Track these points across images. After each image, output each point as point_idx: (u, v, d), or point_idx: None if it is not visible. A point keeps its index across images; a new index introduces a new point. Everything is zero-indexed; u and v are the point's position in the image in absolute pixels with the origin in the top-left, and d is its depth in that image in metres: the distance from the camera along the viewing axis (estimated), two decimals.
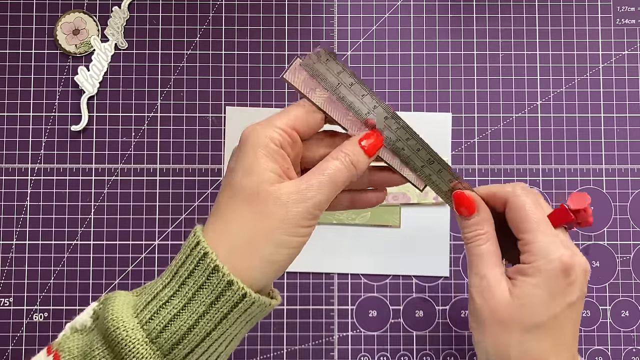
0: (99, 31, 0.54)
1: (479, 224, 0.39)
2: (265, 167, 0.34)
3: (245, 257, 0.33)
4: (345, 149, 0.36)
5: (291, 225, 0.33)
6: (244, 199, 0.34)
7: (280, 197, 0.33)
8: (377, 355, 0.52)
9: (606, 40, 0.54)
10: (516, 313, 0.37)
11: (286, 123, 0.35)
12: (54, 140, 0.53)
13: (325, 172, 0.35)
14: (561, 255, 0.36)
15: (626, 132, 0.53)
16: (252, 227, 0.33)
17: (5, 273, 0.52)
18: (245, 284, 0.33)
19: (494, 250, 0.39)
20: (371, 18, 0.54)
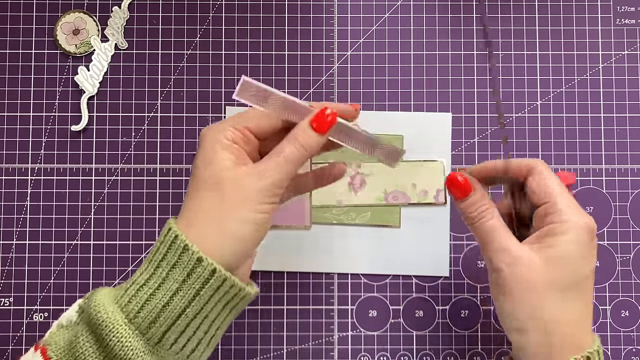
0: (99, 31, 0.54)
1: (480, 201, 0.40)
2: (223, 157, 0.37)
3: (214, 236, 0.36)
4: (297, 132, 0.39)
5: (253, 202, 0.37)
6: (208, 187, 0.37)
7: (239, 179, 0.37)
8: (377, 355, 0.52)
9: (606, 40, 0.54)
10: (551, 274, 0.37)
11: (238, 123, 0.39)
12: (54, 140, 0.53)
13: (280, 155, 0.38)
14: (586, 217, 0.38)
15: (626, 132, 0.53)
16: (218, 209, 0.36)
17: (5, 273, 0.52)
18: (215, 262, 0.35)
19: (503, 223, 0.39)
20: (371, 18, 0.54)
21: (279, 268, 0.52)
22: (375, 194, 0.53)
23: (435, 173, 0.53)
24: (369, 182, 0.53)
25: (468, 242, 0.53)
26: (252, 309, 0.52)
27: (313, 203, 0.53)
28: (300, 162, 0.38)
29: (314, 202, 0.53)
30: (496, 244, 0.38)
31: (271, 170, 0.37)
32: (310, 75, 0.54)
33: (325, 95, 0.54)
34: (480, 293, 0.53)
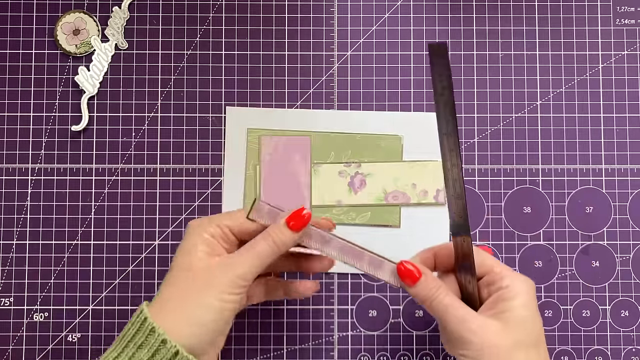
0: (99, 31, 0.54)
1: (431, 281, 0.41)
2: (199, 248, 0.40)
3: (180, 320, 0.38)
4: (271, 229, 0.41)
5: (218, 290, 0.39)
6: (179, 274, 0.40)
7: (209, 268, 0.40)
8: (377, 355, 0.52)
9: (606, 40, 0.54)
10: (513, 337, 0.39)
11: (222, 221, 0.42)
12: (54, 140, 0.53)
13: (252, 249, 0.40)
14: (526, 279, 0.41)
15: (626, 132, 0.53)
16: (185, 294, 0.39)
17: (5, 273, 0.52)
18: (179, 344, 0.38)
19: (456, 298, 0.41)
20: (371, 18, 0.54)
21: None
22: (375, 194, 0.53)
23: (435, 173, 0.53)
24: (369, 182, 0.53)
25: None
26: (252, 309, 0.52)
27: (313, 203, 0.53)
28: (271, 257, 0.40)
29: (314, 202, 0.53)
30: (458, 316, 0.40)
31: (240, 262, 0.40)
32: (310, 76, 0.54)
33: (325, 96, 0.54)
34: None
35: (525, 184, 0.53)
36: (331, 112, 0.54)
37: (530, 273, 0.52)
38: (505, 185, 0.53)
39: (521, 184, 0.53)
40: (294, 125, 0.53)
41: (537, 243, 0.53)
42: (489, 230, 0.53)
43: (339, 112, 0.54)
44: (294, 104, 0.54)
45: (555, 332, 0.52)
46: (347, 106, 0.54)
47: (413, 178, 0.53)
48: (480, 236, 0.53)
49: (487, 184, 0.53)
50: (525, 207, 0.53)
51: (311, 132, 0.53)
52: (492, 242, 0.53)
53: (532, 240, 0.53)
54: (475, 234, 0.53)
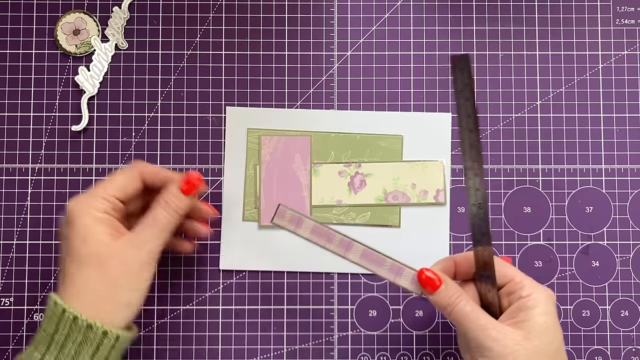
0: (99, 31, 0.54)
1: (452, 289, 0.42)
2: (98, 230, 0.40)
3: (103, 307, 0.40)
4: (168, 198, 0.43)
5: (137, 273, 0.41)
6: (90, 265, 0.40)
7: (120, 253, 0.40)
8: (377, 355, 0.52)
9: (606, 40, 0.54)
10: (534, 346, 0.39)
11: (108, 192, 0.42)
12: (54, 140, 0.53)
13: (153, 223, 0.42)
14: (546, 289, 0.41)
15: (626, 132, 0.54)
16: (106, 284, 0.40)
17: (5, 273, 0.52)
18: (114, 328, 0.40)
19: (477, 306, 0.41)
20: (371, 18, 0.54)
21: (279, 268, 0.52)
22: (375, 194, 0.53)
23: (435, 173, 0.53)
24: (369, 182, 0.53)
25: (468, 242, 0.53)
26: (252, 309, 0.52)
27: (313, 203, 0.53)
28: (174, 225, 0.43)
29: (314, 202, 0.53)
30: (480, 324, 0.40)
31: (148, 239, 0.41)
32: (310, 76, 0.54)
33: (325, 96, 0.54)
34: None
35: (525, 184, 0.53)
36: (331, 112, 0.54)
37: (530, 273, 0.52)
38: (505, 185, 0.53)
39: (521, 184, 0.53)
40: (294, 125, 0.53)
41: (537, 243, 0.53)
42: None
43: (339, 112, 0.54)
44: (294, 104, 0.54)
45: None
46: (347, 106, 0.54)
47: (413, 178, 0.53)
48: None
49: (487, 184, 0.53)
50: (525, 207, 0.53)
51: (311, 132, 0.53)
52: (493, 242, 0.53)
53: (532, 240, 0.53)
54: None
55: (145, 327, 0.52)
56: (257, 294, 0.52)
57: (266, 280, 0.53)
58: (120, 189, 0.43)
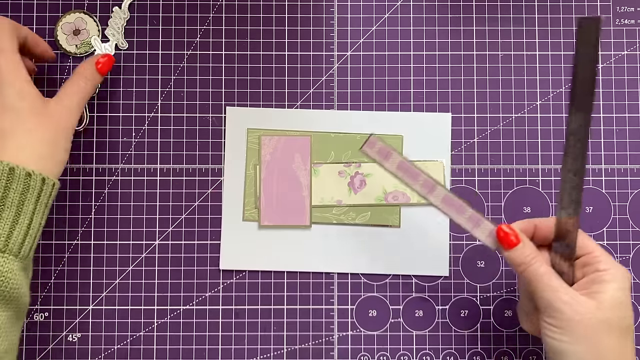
0: (99, 31, 0.54)
1: (528, 248, 0.42)
2: (32, 91, 0.44)
3: (45, 164, 0.43)
4: (87, 74, 0.48)
5: (67, 134, 0.46)
6: (28, 120, 0.43)
7: (54, 115, 0.45)
8: (377, 355, 0.52)
9: (606, 40, 0.54)
10: (607, 317, 0.39)
11: (10, 40, 0.44)
12: None
13: (79, 93, 0.47)
14: (623, 267, 0.41)
15: (625, 132, 0.54)
16: (44, 141, 0.43)
17: None
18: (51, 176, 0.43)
19: (552, 270, 0.41)
20: (371, 18, 0.54)
21: (279, 268, 0.52)
22: (375, 194, 0.53)
23: (435, 173, 0.53)
24: (369, 182, 0.53)
25: (468, 242, 0.53)
26: (252, 309, 0.52)
27: (313, 203, 0.53)
28: (89, 94, 0.48)
29: (314, 202, 0.53)
30: (552, 285, 0.40)
31: (76, 107, 0.47)
32: (310, 76, 0.54)
33: (325, 96, 0.54)
34: (480, 293, 0.53)
35: (525, 184, 0.53)
36: (331, 112, 0.54)
37: None
38: (505, 185, 0.53)
39: (521, 184, 0.53)
40: (294, 125, 0.53)
41: None
42: None
43: (339, 112, 0.54)
44: (294, 104, 0.54)
45: None
46: (347, 106, 0.54)
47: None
48: None
49: (487, 184, 0.53)
50: (525, 207, 0.53)
51: (311, 132, 0.53)
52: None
53: None
54: None
55: (145, 327, 0.52)
56: (257, 294, 0.52)
57: (266, 280, 0.53)
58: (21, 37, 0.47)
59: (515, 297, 0.52)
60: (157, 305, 0.52)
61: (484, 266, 0.53)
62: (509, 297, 0.53)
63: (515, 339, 0.52)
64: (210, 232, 0.53)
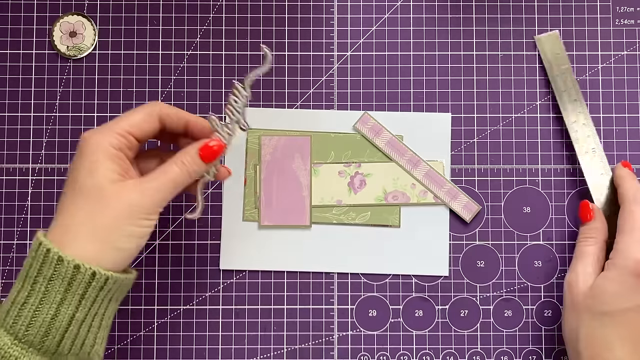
0: (95, 39, 0.54)
1: (592, 229, 0.47)
2: (107, 167, 0.38)
3: (94, 247, 0.37)
4: (185, 158, 0.41)
5: (136, 218, 0.38)
6: (88, 196, 0.38)
7: (122, 195, 0.38)
8: (377, 355, 0.52)
9: (605, 40, 0.54)
10: (587, 301, 0.43)
11: (123, 128, 0.40)
12: (54, 140, 0.53)
13: (166, 176, 0.40)
14: (637, 255, 0.42)
15: (625, 132, 0.54)
16: (99, 220, 0.37)
17: (6, 273, 0.52)
18: (94, 265, 0.37)
19: (595, 253, 0.46)
20: (371, 19, 0.54)
21: (279, 268, 0.52)
22: (375, 194, 0.53)
23: None
24: (369, 182, 0.53)
25: (468, 241, 0.53)
26: (252, 309, 0.52)
27: (313, 203, 0.53)
28: (183, 185, 0.41)
29: (314, 202, 0.53)
30: (575, 265, 0.46)
31: (155, 190, 0.39)
32: (310, 76, 0.54)
33: (325, 96, 0.54)
34: (480, 293, 0.53)
35: (525, 184, 0.53)
36: (331, 112, 0.54)
37: (530, 273, 0.52)
38: (505, 185, 0.53)
39: (521, 184, 0.53)
40: (294, 125, 0.53)
41: (537, 243, 0.53)
42: (489, 230, 0.53)
43: (339, 112, 0.54)
44: (294, 104, 0.54)
45: (554, 331, 0.52)
46: (347, 106, 0.54)
47: (413, 178, 0.53)
48: (480, 236, 0.53)
49: (487, 184, 0.53)
50: (525, 207, 0.53)
51: (311, 132, 0.53)
52: (492, 242, 0.53)
53: (532, 240, 0.53)
54: (474, 233, 0.53)
55: (145, 327, 0.52)
56: (257, 294, 0.53)
57: (266, 280, 0.53)
58: (136, 126, 0.40)
59: (515, 297, 0.52)
60: (157, 305, 0.52)
61: (484, 266, 0.53)
62: (509, 297, 0.53)
63: (515, 339, 0.52)
64: (210, 232, 0.53)
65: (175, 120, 0.43)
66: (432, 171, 0.51)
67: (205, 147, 0.41)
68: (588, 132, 0.50)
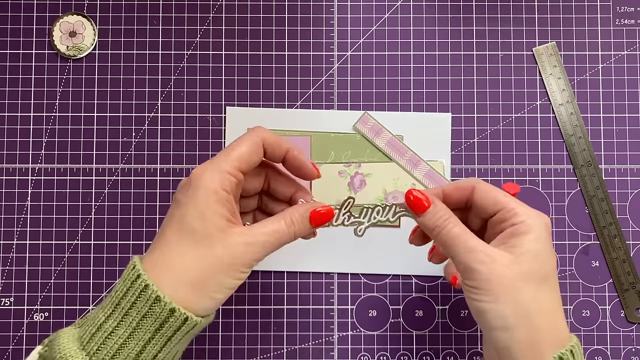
0: (95, 38, 0.54)
1: (440, 210, 0.40)
2: (217, 212, 0.37)
3: (190, 292, 0.37)
4: (295, 217, 0.40)
5: (233, 270, 0.37)
6: (194, 240, 0.37)
7: (228, 245, 0.37)
8: (377, 355, 0.52)
9: (605, 40, 0.54)
10: (524, 269, 0.37)
11: (233, 165, 0.39)
12: (54, 140, 0.53)
13: (273, 233, 0.39)
14: (541, 215, 0.39)
15: (625, 132, 0.54)
16: (200, 267, 0.37)
17: (6, 273, 0.52)
18: (187, 310, 0.36)
19: (467, 229, 0.40)
20: (371, 19, 0.54)
21: (279, 268, 0.52)
22: (375, 194, 0.53)
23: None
24: (369, 182, 0.53)
25: None
26: (252, 309, 0.52)
27: None
28: (286, 243, 0.40)
29: None
30: (467, 246, 0.38)
31: (261, 246, 0.38)
32: (310, 76, 0.54)
33: (325, 96, 0.54)
34: None
35: (525, 184, 0.53)
36: (331, 112, 0.54)
37: None
38: None
39: (521, 184, 0.53)
40: (294, 125, 0.53)
41: None
42: None
43: (339, 112, 0.54)
44: (294, 104, 0.54)
45: None
46: (347, 106, 0.54)
47: (413, 178, 0.53)
48: None
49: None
50: None
51: (311, 132, 0.53)
52: None
53: None
54: None
55: None
56: (257, 294, 0.53)
57: (266, 280, 0.53)
58: (245, 161, 0.39)
59: None
60: None
61: None
62: None
63: None
64: None
65: (277, 148, 0.41)
66: (432, 171, 0.51)
67: (315, 212, 0.41)
68: None
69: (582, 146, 0.53)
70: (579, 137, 0.53)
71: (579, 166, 0.53)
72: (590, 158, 0.53)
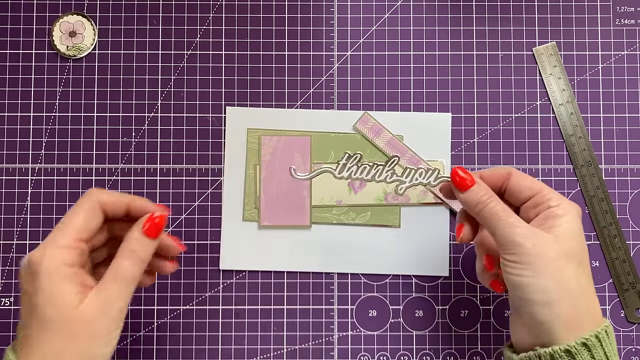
0: (95, 39, 0.54)
1: (484, 189, 0.42)
2: (66, 292, 0.36)
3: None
4: (132, 246, 0.39)
5: (102, 337, 0.37)
6: (53, 328, 0.36)
7: (86, 316, 0.36)
8: (377, 355, 0.52)
9: (606, 40, 0.54)
10: (565, 248, 0.39)
11: (72, 238, 0.38)
12: (54, 140, 0.53)
13: (119, 277, 0.38)
14: (573, 202, 0.41)
15: (626, 132, 0.54)
16: (68, 350, 0.36)
17: (5, 273, 0.52)
18: None
19: (508, 207, 0.41)
20: (371, 18, 0.54)
21: (279, 268, 0.52)
22: (375, 194, 0.53)
23: None
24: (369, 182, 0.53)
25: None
26: (252, 309, 0.52)
27: (313, 203, 0.53)
28: (140, 274, 0.39)
29: (314, 202, 0.53)
30: (509, 221, 0.40)
31: (116, 296, 0.37)
32: (310, 76, 0.54)
33: (325, 96, 0.54)
34: (480, 293, 0.53)
35: None
36: (331, 112, 0.54)
37: None
38: None
39: None
40: (294, 125, 0.53)
41: None
42: None
43: (339, 112, 0.54)
44: (294, 104, 0.54)
45: None
46: (347, 106, 0.54)
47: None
48: None
49: None
50: None
51: (311, 132, 0.53)
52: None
53: None
54: None
55: (145, 327, 0.52)
56: (257, 294, 0.53)
57: (266, 280, 0.53)
58: (84, 230, 0.39)
59: None
60: (157, 305, 0.52)
61: None
62: None
63: None
64: (210, 232, 0.53)
65: (118, 205, 0.41)
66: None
67: (149, 224, 0.39)
68: None
69: (582, 146, 0.53)
70: (579, 137, 0.53)
71: (579, 166, 0.53)
72: (590, 158, 0.53)
